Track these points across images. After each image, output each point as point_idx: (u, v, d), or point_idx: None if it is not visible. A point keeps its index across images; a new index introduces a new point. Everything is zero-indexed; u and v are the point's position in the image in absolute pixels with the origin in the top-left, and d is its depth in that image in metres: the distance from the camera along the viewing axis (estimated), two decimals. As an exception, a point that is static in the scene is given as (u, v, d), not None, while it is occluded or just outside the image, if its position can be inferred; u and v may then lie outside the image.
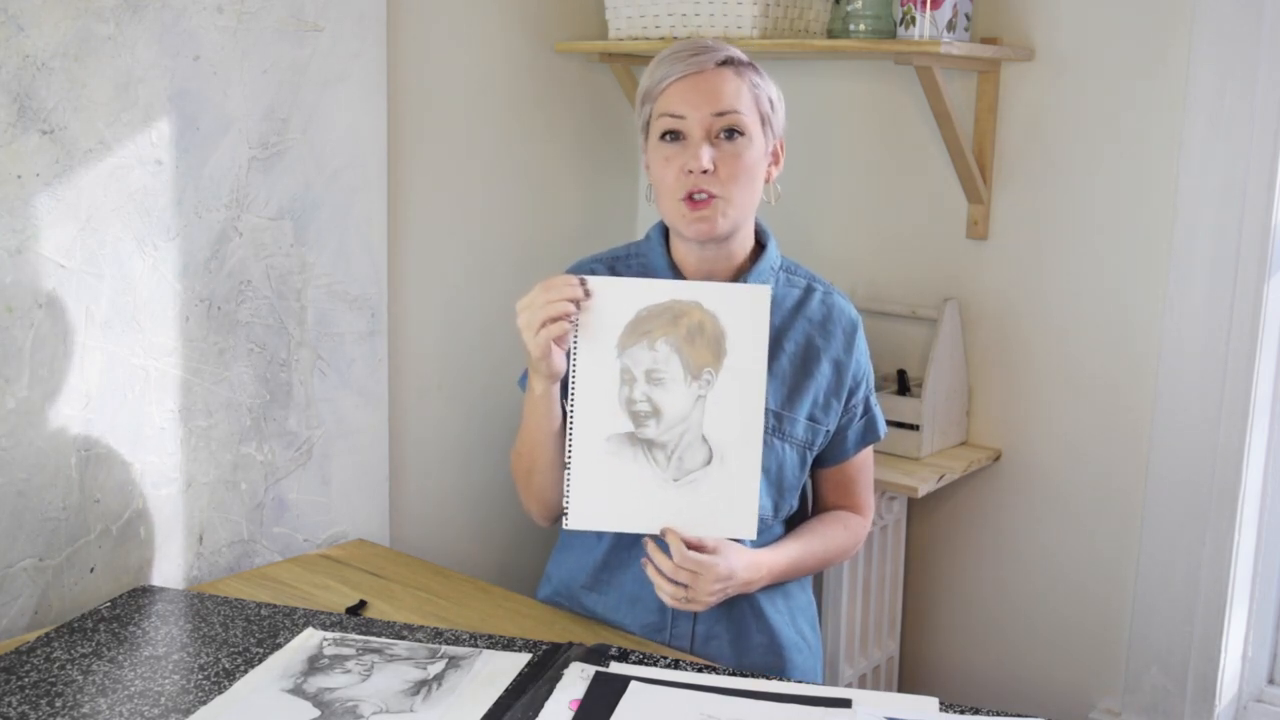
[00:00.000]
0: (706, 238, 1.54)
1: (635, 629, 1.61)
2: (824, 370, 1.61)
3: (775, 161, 1.59)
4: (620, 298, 1.48)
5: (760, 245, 1.63)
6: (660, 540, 1.50)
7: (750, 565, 1.52)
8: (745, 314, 1.47)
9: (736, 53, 1.54)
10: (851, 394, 1.64)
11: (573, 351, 1.48)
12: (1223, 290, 1.95)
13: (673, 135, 1.52)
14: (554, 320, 1.45)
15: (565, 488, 1.49)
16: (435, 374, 2.15)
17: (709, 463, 1.48)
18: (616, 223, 2.49)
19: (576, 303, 1.46)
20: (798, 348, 1.60)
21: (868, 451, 1.70)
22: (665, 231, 1.62)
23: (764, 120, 1.54)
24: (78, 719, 1.28)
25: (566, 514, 1.49)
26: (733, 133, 1.51)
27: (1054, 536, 2.19)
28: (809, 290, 1.65)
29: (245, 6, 1.72)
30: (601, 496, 1.49)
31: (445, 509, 2.21)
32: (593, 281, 1.48)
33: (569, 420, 1.49)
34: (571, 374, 1.48)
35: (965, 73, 2.16)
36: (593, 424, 1.48)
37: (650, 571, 1.48)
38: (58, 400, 1.58)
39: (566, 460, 1.49)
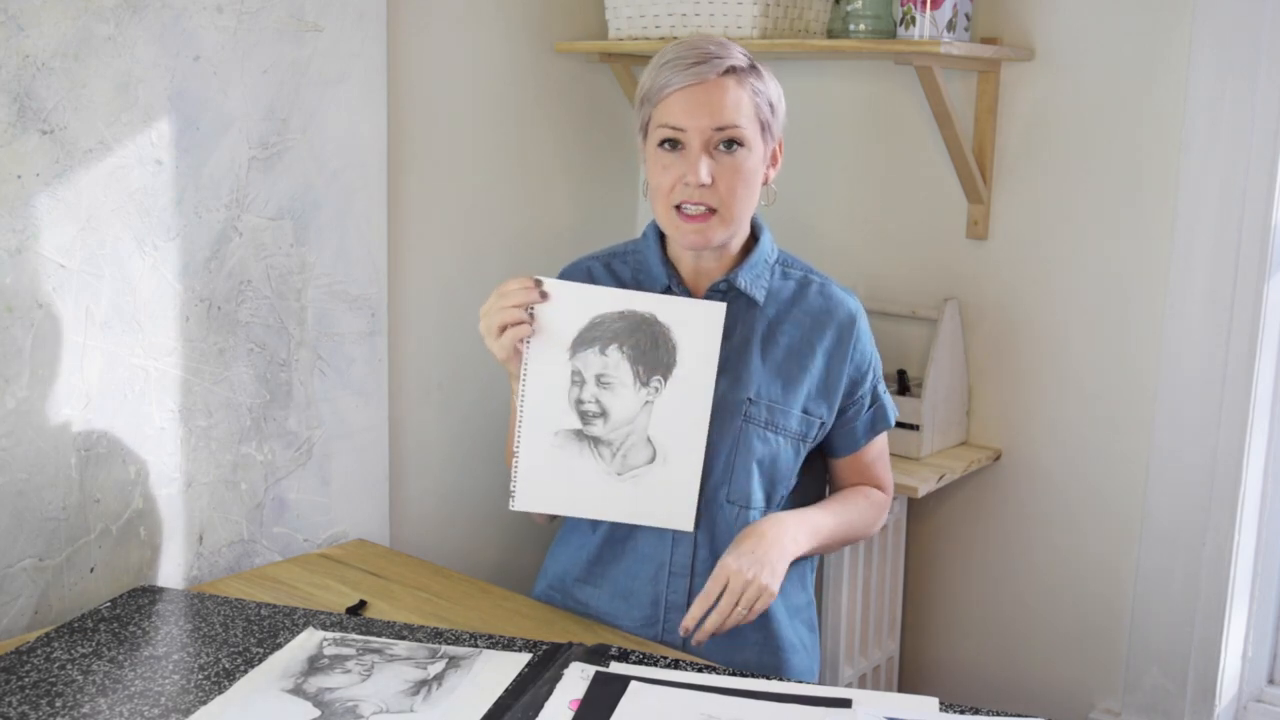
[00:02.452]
0: (700, 248, 1.56)
1: (628, 624, 1.61)
2: (818, 363, 1.61)
3: (773, 163, 1.59)
4: (576, 302, 1.51)
5: (754, 238, 1.64)
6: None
7: (773, 518, 1.54)
8: (698, 329, 1.52)
9: (738, 58, 1.51)
10: (857, 385, 1.64)
11: (525, 349, 1.52)
12: (1223, 290, 1.95)
13: (671, 144, 1.51)
14: (512, 325, 1.49)
15: (513, 471, 1.54)
16: (435, 374, 2.15)
17: (652, 461, 1.53)
18: (616, 222, 2.49)
19: (532, 305, 1.49)
20: (793, 341, 1.60)
21: (881, 437, 1.71)
22: (661, 229, 1.63)
23: (764, 127, 1.53)
24: (78, 719, 1.28)
25: (513, 494, 1.54)
26: (732, 144, 1.50)
27: (1054, 536, 2.19)
28: (805, 282, 1.65)
29: (245, 6, 1.72)
30: (548, 481, 1.54)
31: (445, 509, 2.21)
32: (549, 284, 1.51)
33: (519, 412, 1.53)
34: (524, 371, 1.52)
35: (965, 73, 2.16)
36: (542, 419, 1.53)
37: (705, 628, 1.47)
38: (58, 400, 1.58)
39: (515, 448, 1.54)
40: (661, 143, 1.52)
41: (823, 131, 2.36)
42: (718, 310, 1.52)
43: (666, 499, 1.54)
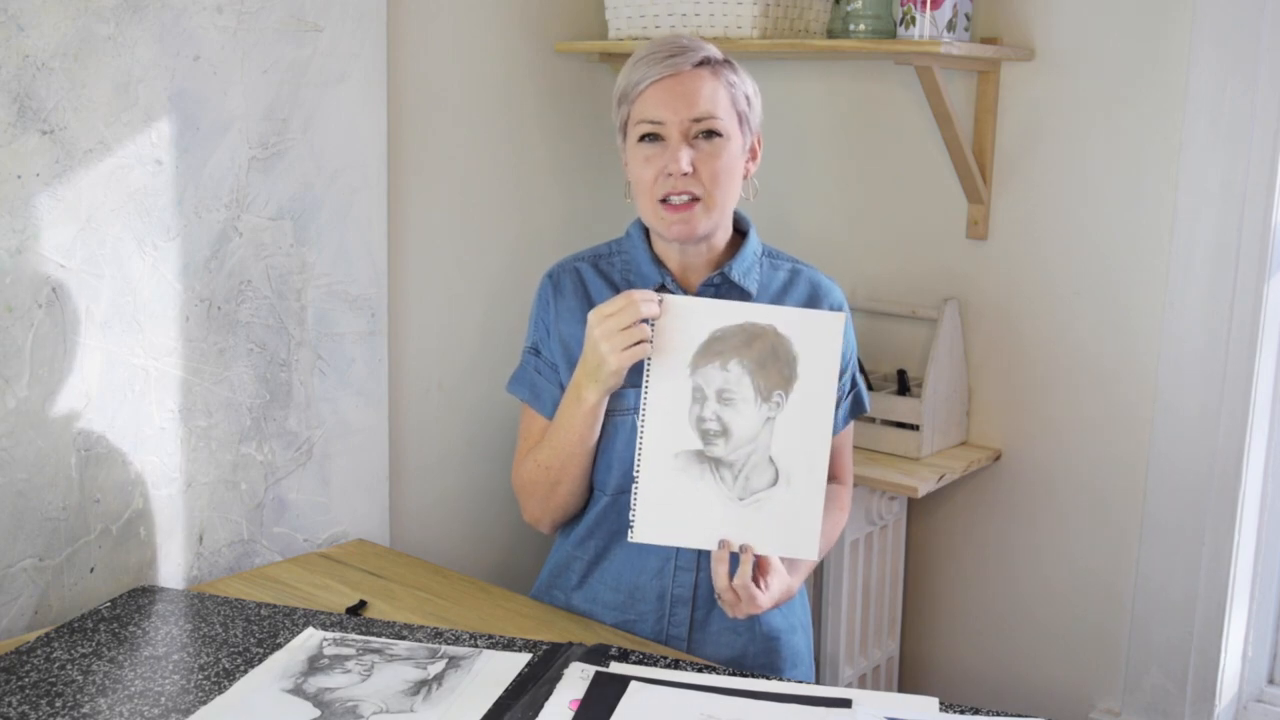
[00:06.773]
0: (686, 240, 1.55)
1: (633, 619, 1.62)
2: None
3: (753, 157, 1.61)
4: (696, 317, 1.47)
5: (741, 234, 1.65)
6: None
7: (787, 590, 1.54)
8: (818, 339, 1.46)
9: (712, 51, 1.54)
10: (843, 371, 1.65)
11: (646, 367, 1.47)
12: (1223, 290, 1.95)
13: (651, 137, 1.53)
14: (639, 341, 1.44)
15: (632, 500, 1.48)
16: (435, 374, 2.15)
17: (774, 484, 1.47)
18: (617, 222, 2.47)
19: (653, 320, 1.46)
20: None
21: (851, 426, 1.74)
22: (646, 226, 1.63)
23: (741, 119, 1.55)
24: (78, 719, 1.29)
25: (632, 526, 1.49)
26: (711, 134, 1.52)
27: (1054, 536, 2.19)
28: (795, 273, 1.66)
29: (245, 6, 1.72)
30: (668, 510, 1.48)
31: (445, 509, 2.21)
32: (670, 299, 1.47)
33: (639, 435, 1.48)
34: (644, 389, 1.48)
35: (965, 73, 2.16)
36: (663, 440, 1.48)
37: (716, 578, 1.48)
38: (58, 400, 1.58)
39: (635, 473, 1.48)
40: (641, 137, 1.53)
41: (822, 131, 2.36)
42: (836, 321, 1.46)
43: (790, 525, 1.47)
